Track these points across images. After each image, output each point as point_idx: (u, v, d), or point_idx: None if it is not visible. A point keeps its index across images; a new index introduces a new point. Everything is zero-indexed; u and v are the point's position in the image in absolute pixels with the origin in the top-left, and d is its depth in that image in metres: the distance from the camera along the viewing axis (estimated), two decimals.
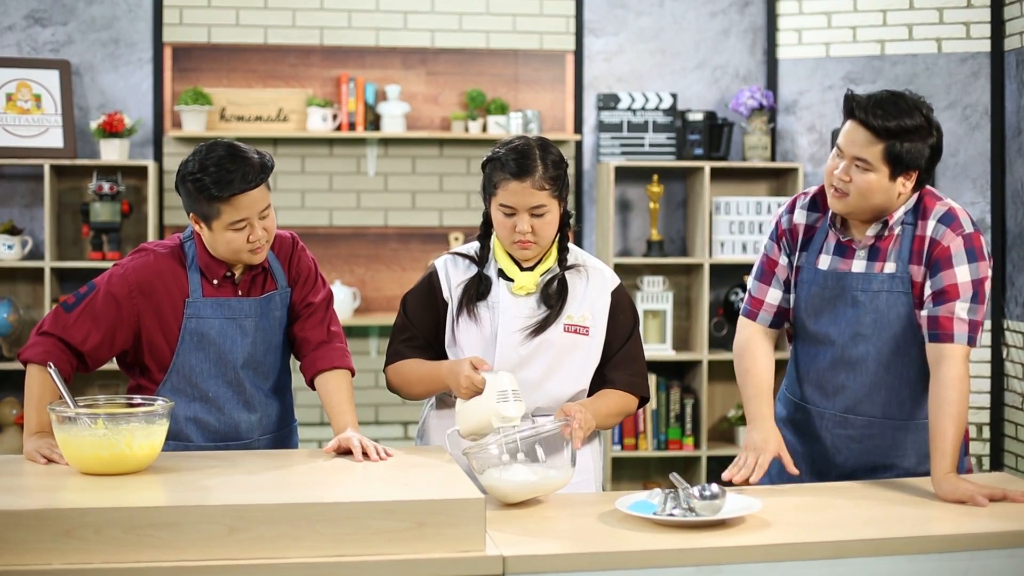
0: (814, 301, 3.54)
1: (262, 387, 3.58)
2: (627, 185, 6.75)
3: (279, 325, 3.61)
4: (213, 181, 3.32)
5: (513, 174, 3.43)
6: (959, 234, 3.39)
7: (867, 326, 3.47)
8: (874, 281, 3.45)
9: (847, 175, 3.37)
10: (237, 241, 3.39)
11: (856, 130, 3.36)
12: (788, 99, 6.72)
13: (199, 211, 3.39)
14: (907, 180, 3.37)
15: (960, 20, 6.35)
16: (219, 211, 3.36)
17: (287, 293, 3.62)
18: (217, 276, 3.49)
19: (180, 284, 3.48)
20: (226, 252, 3.43)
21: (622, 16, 6.72)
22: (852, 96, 3.39)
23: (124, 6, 6.36)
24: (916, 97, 3.39)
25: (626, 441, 6.59)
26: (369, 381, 6.59)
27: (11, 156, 6.09)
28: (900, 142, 3.31)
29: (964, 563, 2.92)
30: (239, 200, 3.35)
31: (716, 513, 2.98)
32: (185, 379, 3.50)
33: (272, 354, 3.61)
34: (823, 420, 3.58)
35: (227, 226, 3.37)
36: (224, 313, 3.49)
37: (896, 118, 3.31)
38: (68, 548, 2.63)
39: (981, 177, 6.29)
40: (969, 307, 3.35)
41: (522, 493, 3.14)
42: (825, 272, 3.52)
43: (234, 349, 3.51)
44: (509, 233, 3.47)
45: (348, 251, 6.58)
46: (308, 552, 2.70)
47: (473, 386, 3.30)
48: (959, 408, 3.29)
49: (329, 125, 6.39)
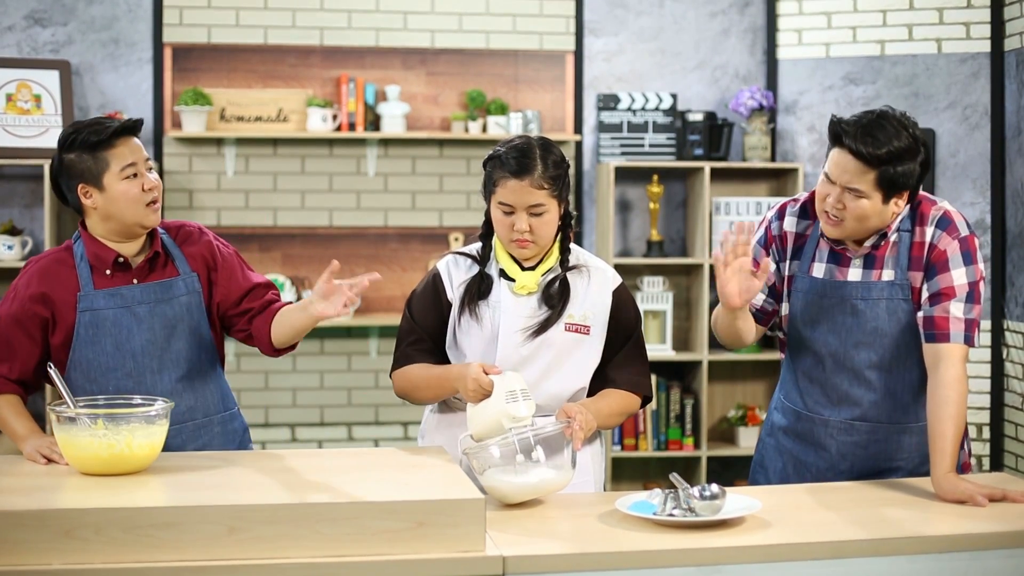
0: (811, 310, 3.53)
1: (169, 375, 3.52)
2: (627, 185, 6.75)
3: (188, 312, 3.55)
4: (91, 131, 3.40)
5: (512, 172, 3.43)
6: (955, 237, 3.40)
7: (868, 334, 3.46)
8: (873, 289, 3.44)
9: (840, 203, 3.34)
10: (132, 191, 3.41)
11: (846, 159, 3.31)
12: (788, 99, 6.72)
13: (87, 174, 3.41)
14: (900, 200, 3.36)
15: (960, 20, 6.35)
16: (107, 161, 3.40)
17: (194, 278, 3.57)
18: (107, 264, 3.47)
19: (71, 283, 3.47)
20: (124, 208, 3.42)
21: (622, 16, 6.73)
22: (838, 122, 3.34)
23: (124, 6, 6.36)
24: (899, 115, 3.35)
25: (626, 441, 6.59)
26: (369, 382, 6.59)
27: (11, 156, 6.10)
28: (892, 167, 3.28)
29: (964, 563, 2.92)
30: (122, 144, 3.41)
31: (716, 513, 2.98)
32: (84, 375, 3.47)
33: (181, 342, 3.54)
34: (828, 428, 3.56)
35: (118, 176, 3.40)
36: (116, 302, 3.47)
37: (886, 144, 3.27)
38: (68, 548, 2.64)
39: (981, 177, 6.29)
40: (964, 307, 3.35)
41: (522, 494, 3.14)
42: (822, 281, 3.50)
43: (130, 338, 3.47)
44: (508, 231, 3.47)
45: (348, 251, 6.58)
46: (308, 552, 2.70)
47: (481, 389, 3.29)
48: (958, 408, 3.28)
49: (329, 125, 6.39)
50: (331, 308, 3.31)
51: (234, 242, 6.32)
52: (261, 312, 3.59)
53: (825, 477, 3.58)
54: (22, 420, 3.42)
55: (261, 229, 6.51)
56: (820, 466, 3.59)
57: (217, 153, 6.46)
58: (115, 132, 3.41)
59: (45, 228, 6.05)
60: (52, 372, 3.28)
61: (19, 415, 3.44)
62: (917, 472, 3.52)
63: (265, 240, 6.50)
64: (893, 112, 3.36)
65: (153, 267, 3.53)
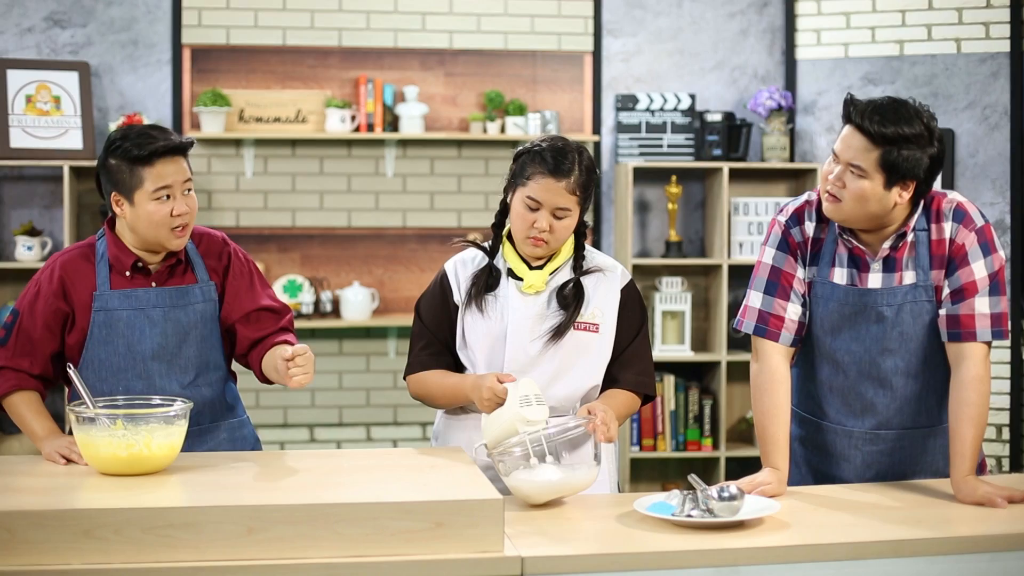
0: (832, 318, 3.45)
1: (177, 381, 3.53)
2: (645, 186, 6.74)
3: (201, 319, 3.56)
4: (134, 144, 3.37)
5: (551, 170, 3.40)
6: (972, 229, 3.35)
7: (894, 340, 3.40)
8: (897, 294, 3.38)
9: (840, 181, 3.30)
10: (160, 213, 3.39)
11: (852, 135, 3.28)
12: (807, 99, 6.71)
13: (122, 185, 3.40)
14: (904, 190, 3.28)
15: (979, 20, 6.33)
16: (141, 178, 3.38)
17: (211, 287, 3.58)
18: (126, 267, 3.48)
19: (90, 281, 3.49)
20: (148, 229, 3.41)
21: (640, 17, 6.72)
22: (851, 100, 3.31)
23: (143, 8, 6.38)
24: (919, 106, 3.30)
25: (644, 442, 6.58)
26: (387, 382, 6.59)
27: (31, 158, 6.11)
28: (897, 149, 3.22)
29: (983, 564, 2.91)
30: (162, 165, 3.38)
31: (735, 514, 2.97)
32: (96, 374, 3.48)
33: (191, 348, 3.55)
34: (852, 439, 3.49)
35: (150, 195, 3.38)
36: (131, 304, 3.48)
37: (894, 124, 3.22)
38: (87, 548, 2.64)
39: (1000, 177, 6.27)
40: (990, 300, 3.31)
41: (547, 493, 3.14)
42: (844, 288, 3.42)
43: (142, 340, 3.48)
44: (527, 227, 3.45)
45: (366, 252, 6.58)
46: (326, 552, 2.70)
47: (496, 398, 3.29)
48: (979, 410, 3.26)
49: (347, 126, 6.40)
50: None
51: (253, 243, 6.35)
52: (257, 345, 3.60)
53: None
54: (41, 419, 3.43)
55: (280, 230, 6.52)
56: (845, 478, 3.52)
57: (236, 154, 6.47)
58: (158, 151, 3.38)
59: (64, 229, 6.06)
60: (72, 372, 3.29)
61: (38, 414, 3.45)
62: (942, 473, 3.46)
63: (284, 241, 6.51)
64: (914, 101, 3.31)
65: (173, 273, 3.54)
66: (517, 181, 3.48)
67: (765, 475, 3.32)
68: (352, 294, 6.41)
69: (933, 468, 3.50)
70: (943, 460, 3.46)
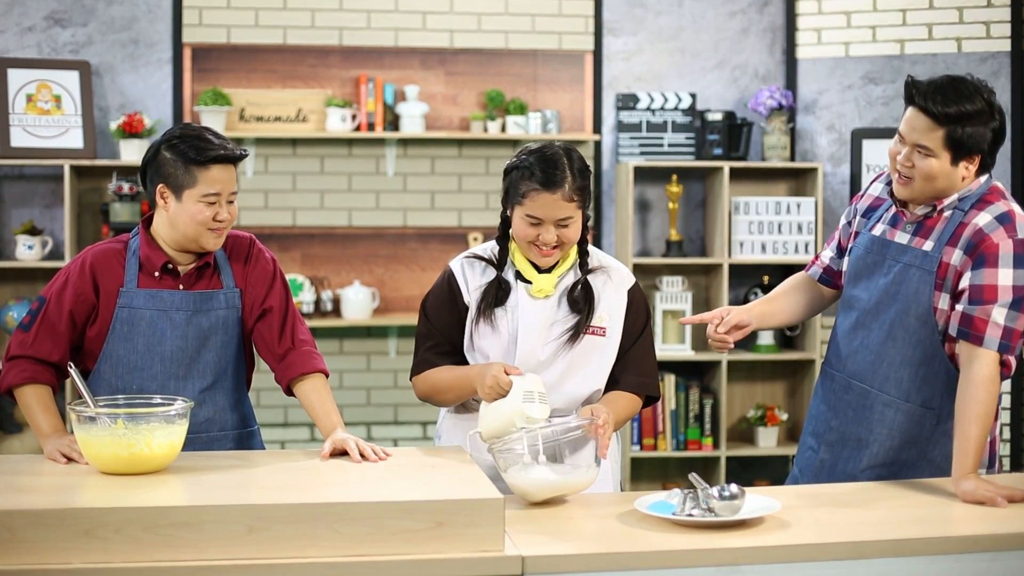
0: (857, 265, 3.57)
1: (194, 385, 3.53)
2: (646, 185, 6.74)
3: (224, 325, 3.56)
4: (193, 146, 3.42)
5: (542, 184, 3.38)
6: (1011, 237, 3.33)
7: (890, 295, 3.45)
8: (908, 254, 3.44)
9: (909, 161, 3.37)
10: (203, 215, 3.42)
11: (916, 117, 3.35)
12: (807, 99, 6.71)
13: (171, 179, 3.43)
14: (970, 164, 3.37)
15: (980, 19, 6.34)
16: (195, 179, 3.42)
17: (236, 294, 3.58)
18: (156, 267, 3.50)
19: (118, 275, 3.50)
20: (188, 226, 3.44)
21: (641, 16, 6.72)
22: (912, 82, 3.37)
23: (144, 7, 6.38)
24: (977, 81, 3.38)
25: (645, 441, 6.58)
26: (388, 381, 6.60)
27: (31, 157, 6.11)
28: (961, 127, 3.30)
29: (984, 564, 2.91)
30: (217, 171, 3.43)
31: (735, 513, 2.97)
32: (112, 370, 3.50)
33: (210, 353, 3.56)
34: (833, 383, 3.59)
35: (199, 198, 3.42)
36: (156, 304, 3.49)
37: (956, 103, 3.30)
38: (88, 547, 2.64)
39: (1002, 177, 6.27)
40: (1008, 313, 3.29)
41: (545, 492, 3.14)
42: (871, 237, 3.54)
43: (162, 341, 3.49)
44: (531, 240, 3.46)
45: (367, 251, 6.58)
46: (327, 552, 2.70)
47: (498, 387, 3.29)
48: (986, 408, 3.27)
49: (348, 125, 6.40)
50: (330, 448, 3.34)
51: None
52: (285, 358, 3.58)
53: (851, 454, 3.55)
54: (48, 416, 3.42)
55: (280, 229, 6.52)
56: (847, 439, 3.56)
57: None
58: (217, 158, 3.43)
59: (65, 228, 6.06)
60: (72, 371, 3.29)
61: (46, 409, 3.44)
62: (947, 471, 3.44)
63: (284, 240, 6.51)
64: (971, 78, 3.39)
65: (200, 276, 3.55)
66: (513, 199, 3.45)
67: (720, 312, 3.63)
68: (353, 293, 6.41)
69: (938, 459, 3.49)
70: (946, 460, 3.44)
